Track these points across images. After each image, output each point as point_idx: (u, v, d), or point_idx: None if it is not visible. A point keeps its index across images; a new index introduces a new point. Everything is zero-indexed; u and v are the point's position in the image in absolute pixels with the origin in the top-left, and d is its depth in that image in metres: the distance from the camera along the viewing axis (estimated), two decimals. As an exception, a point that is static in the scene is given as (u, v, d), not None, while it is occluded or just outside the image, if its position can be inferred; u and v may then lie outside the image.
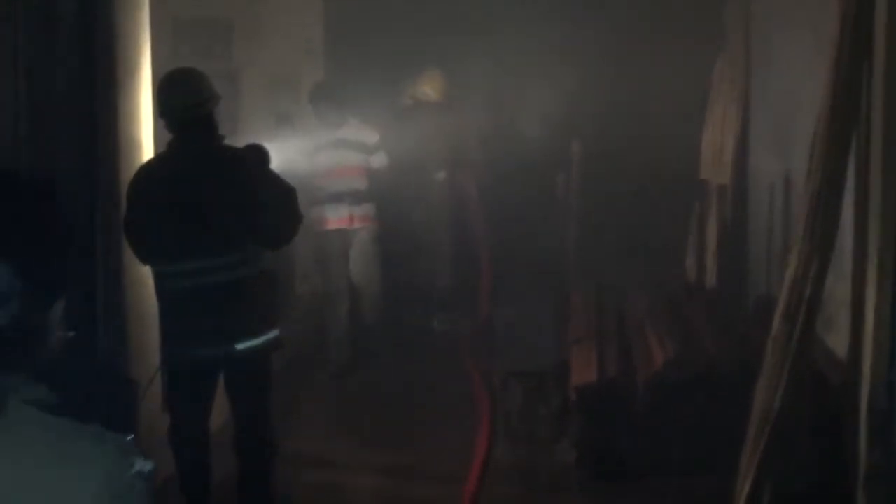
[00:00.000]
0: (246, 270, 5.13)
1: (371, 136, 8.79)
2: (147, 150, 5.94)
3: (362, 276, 8.86)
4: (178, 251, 5.10)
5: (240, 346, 5.14)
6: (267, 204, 5.14)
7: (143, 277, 5.46)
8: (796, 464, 5.05)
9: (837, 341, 5.42)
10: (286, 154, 7.53)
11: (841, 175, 4.97)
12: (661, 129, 10.59)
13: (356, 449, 6.91)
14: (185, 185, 5.11)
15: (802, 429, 5.10)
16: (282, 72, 10.40)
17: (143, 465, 1.76)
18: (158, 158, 5.43)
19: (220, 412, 5.50)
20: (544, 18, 11.36)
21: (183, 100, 5.16)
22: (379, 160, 8.78)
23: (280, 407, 5.61)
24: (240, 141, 8.15)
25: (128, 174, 5.36)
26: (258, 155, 5.46)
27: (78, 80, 5.21)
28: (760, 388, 5.11)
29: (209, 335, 5.13)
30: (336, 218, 8.68)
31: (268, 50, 10.34)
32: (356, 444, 7.02)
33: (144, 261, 5.27)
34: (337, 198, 8.64)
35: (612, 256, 9.92)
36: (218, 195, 5.08)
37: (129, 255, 5.34)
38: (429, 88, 10.12)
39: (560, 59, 11.00)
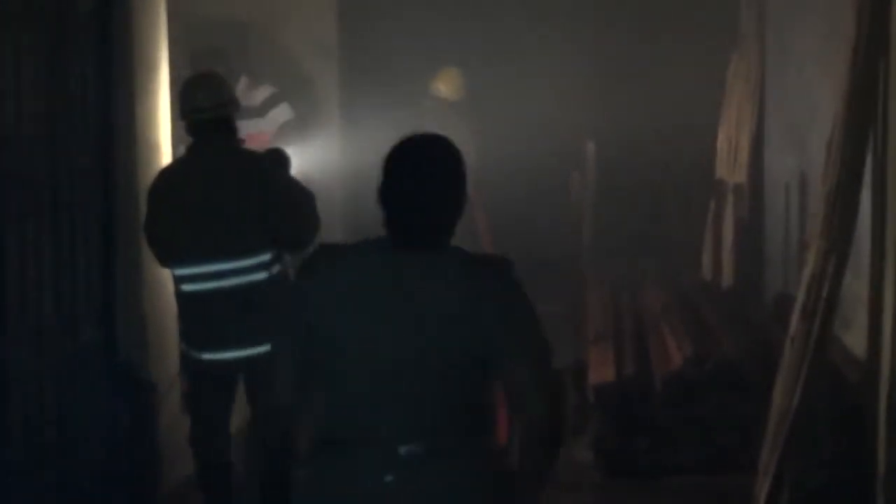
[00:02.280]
0: (265, 273, 5.14)
1: (258, 95, 8.04)
2: (165, 152, 5.96)
3: None
4: (198, 254, 5.12)
5: (260, 349, 5.15)
6: (286, 207, 5.16)
7: (163, 280, 5.48)
8: (815, 462, 5.04)
9: (855, 340, 5.42)
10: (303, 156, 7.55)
11: (858, 172, 4.96)
12: (676, 127, 10.59)
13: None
14: (205, 187, 5.12)
15: (821, 427, 5.10)
16: (296, 72, 10.42)
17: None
18: (179, 162, 5.46)
19: (240, 413, 5.51)
20: (560, 17, 11.36)
21: (204, 102, 5.18)
22: (276, 116, 7.96)
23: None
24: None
25: (146, 176, 5.38)
26: (278, 159, 5.48)
27: (95, 81, 5.23)
28: (779, 386, 5.11)
29: (229, 337, 5.15)
30: None
31: (282, 51, 10.36)
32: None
33: (164, 263, 5.28)
34: None
35: (628, 255, 9.92)
36: (237, 198, 5.09)
37: (148, 258, 5.35)
38: (444, 87, 10.14)
39: (575, 57, 11.00)
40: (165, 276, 5.36)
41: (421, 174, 3.02)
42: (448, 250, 3.06)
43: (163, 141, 6.00)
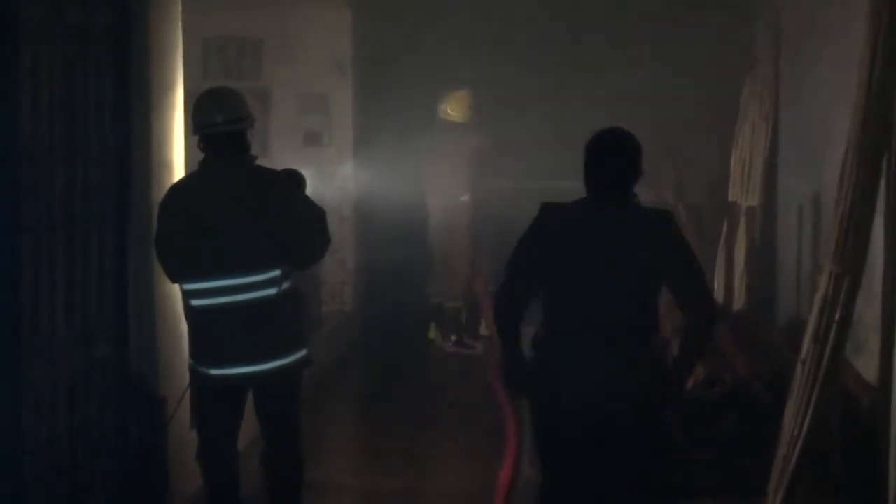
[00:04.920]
0: (275, 289, 5.14)
1: None
2: (179, 170, 5.98)
3: None
4: (208, 269, 5.12)
5: (269, 365, 5.15)
6: (298, 225, 5.16)
7: (174, 296, 5.48)
8: (826, 486, 5.03)
9: (867, 364, 5.40)
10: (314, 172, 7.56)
11: (872, 196, 4.96)
12: (689, 147, 10.59)
13: (380, 475, 6.86)
14: (215, 203, 5.12)
15: (832, 451, 5.08)
16: (311, 90, 10.45)
17: None
18: (190, 176, 5.45)
19: (249, 429, 5.51)
20: (572, 37, 11.38)
21: (217, 117, 5.17)
22: None
23: (307, 431, 5.58)
24: (269, 158, 8.18)
25: (160, 193, 5.39)
26: (294, 179, 5.47)
27: (112, 98, 5.25)
28: (790, 409, 5.10)
29: (238, 353, 5.14)
30: None
31: (297, 68, 10.40)
32: (381, 469, 6.97)
33: (174, 279, 5.28)
34: None
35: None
36: (248, 214, 5.09)
37: (160, 274, 5.36)
38: (452, 109, 10.15)
39: (585, 77, 11.01)
40: (177, 291, 5.37)
41: (614, 157, 4.44)
42: (632, 205, 4.46)
43: (177, 159, 6.01)
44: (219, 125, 5.17)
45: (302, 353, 5.28)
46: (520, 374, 4.58)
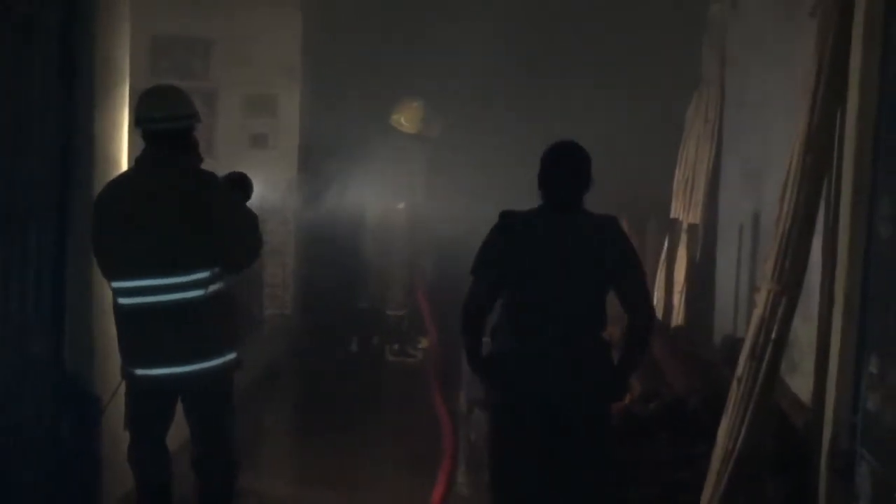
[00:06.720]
0: (201, 290, 5.07)
1: None
2: (122, 167, 5.92)
3: None
4: (135, 267, 5.04)
5: (193, 367, 5.08)
6: (229, 229, 5.08)
7: (111, 294, 5.43)
8: (758, 503, 5.07)
9: (801, 384, 5.46)
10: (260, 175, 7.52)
11: (811, 217, 5.01)
12: (634, 165, 10.67)
13: (313, 484, 6.82)
14: (145, 200, 5.03)
15: (765, 468, 5.12)
16: (258, 92, 10.42)
17: None
18: (126, 173, 5.37)
19: (183, 431, 5.46)
20: (521, 50, 11.42)
21: (156, 113, 5.11)
22: None
23: (241, 436, 5.54)
24: (214, 159, 8.11)
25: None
26: (241, 183, 5.38)
27: (57, 94, 5.19)
28: (724, 426, 5.14)
29: (163, 354, 5.08)
30: None
31: (245, 70, 10.37)
32: (315, 478, 6.93)
33: (108, 277, 5.19)
34: None
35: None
36: (177, 214, 5.00)
37: (96, 272, 5.30)
38: (404, 119, 10.18)
39: (536, 93, 11.06)
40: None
41: (566, 167, 4.80)
42: (582, 212, 4.82)
43: (121, 157, 5.96)
44: (157, 121, 5.09)
45: (231, 355, 5.20)
46: (483, 371, 4.89)
